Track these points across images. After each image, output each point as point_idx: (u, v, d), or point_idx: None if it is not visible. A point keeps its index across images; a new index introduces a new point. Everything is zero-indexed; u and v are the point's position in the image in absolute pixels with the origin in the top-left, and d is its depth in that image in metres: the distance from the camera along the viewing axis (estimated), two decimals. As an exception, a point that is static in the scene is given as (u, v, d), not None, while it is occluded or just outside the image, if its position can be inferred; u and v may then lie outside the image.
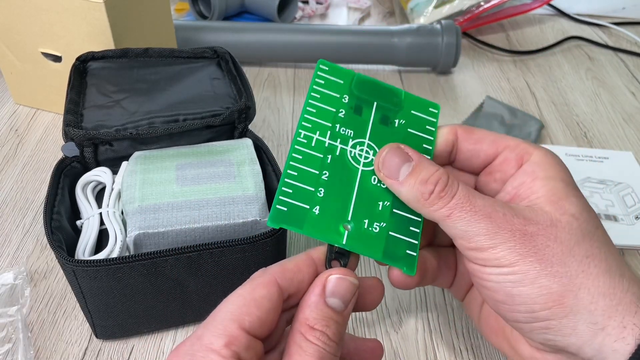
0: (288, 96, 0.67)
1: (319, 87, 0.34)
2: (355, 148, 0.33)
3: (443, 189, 0.28)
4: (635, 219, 0.51)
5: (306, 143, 0.32)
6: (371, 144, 0.33)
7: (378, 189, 0.32)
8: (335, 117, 0.33)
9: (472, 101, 0.67)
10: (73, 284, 0.35)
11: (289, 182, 0.31)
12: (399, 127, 0.34)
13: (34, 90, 0.60)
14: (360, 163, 0.32)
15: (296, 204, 0.30)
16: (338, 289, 0.26)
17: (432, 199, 0.28)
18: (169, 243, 0.36)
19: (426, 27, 0.70)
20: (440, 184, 0.28)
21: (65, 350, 0.38)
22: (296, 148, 0.32)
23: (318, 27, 0.70)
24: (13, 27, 0.55)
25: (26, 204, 0.50)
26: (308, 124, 0.32)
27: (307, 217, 0.30)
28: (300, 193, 0.31)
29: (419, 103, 0.35)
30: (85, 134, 0.40)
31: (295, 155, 0.32)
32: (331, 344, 0.25)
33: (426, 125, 0.34)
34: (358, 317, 0.41)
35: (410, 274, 0.30)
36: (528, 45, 0.81)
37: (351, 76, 0.34)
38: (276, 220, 0.30)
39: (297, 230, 0.30)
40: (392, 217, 0.32)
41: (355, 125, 0.33)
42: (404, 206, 0.32)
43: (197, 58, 0.51)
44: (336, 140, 0.33)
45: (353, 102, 0.34)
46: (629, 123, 0.65)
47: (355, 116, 0.33)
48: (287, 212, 0.30)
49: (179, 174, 0.39)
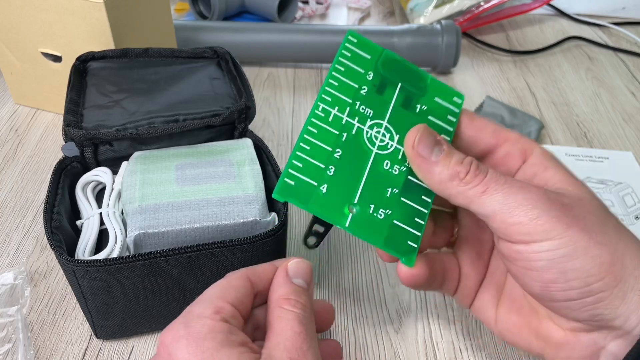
0: (288, 96, 0.67)
1: (345, 60, 0.32)
2: (372, 129, 0.32)
3: (477, 168, 0.28)
4: (635, 219, 0.51)
5: (323, 117, 0.31)
6: (389, 127, 0.32)
7: (389, 174, 0.31)
8: (357, 94, 0.32)
9: (472, 101, 0.67)
10: (73, 284, 0.35)
11: (300, 156, 0.30)
12: (420, 113, 0.33)
13: (34, 90, 0.60)
14: (375, 145, 0.32)
15: (304, 179, 0.30)
16: (299, 270, 0.30)
17: (469, 177, 0.28)
18: (169, 243, 0.36)
19: (426, 27, 0.70)
20: (475, 164, 0.29)
21: (65, 350, 0.38)
22: (312, 121, 0.31)
23: (318, 27, 0.70)
24: (13, 27, 0.55)
25: (26, 204, 0.50)
26: (328, 97, 0.31)
27: (313, 194, 0.30)
28: (310, 168, 0.30)
29: (444, 90, 0.34)
30: (85, 134, 0.40)
31: (310, 129, 0.31)
32: (306, 309, 0.28)
33: (448, 115, 0.33)
34: (358, 316, 0.41)
35: (409, 265, 0.30)
36: (528, 45, 0.81)
37: (379, 52, 0.33)
38: (282, 194, 0.29)
39: (301, 206, 0.30)
40: (399, 206, 0.31)
41: (376, 105, 0.32)
42: (412, 195, 0.31)
43: (197, 58, 0.51)
44: (354, 119, 0.32)
45: (377, 80, 0.33)
46: (629, 123, 0.65)
47: (377, 95, 0.32)
48: (294, 186, 0.30)
49: (179, 174, 0.39)
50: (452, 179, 0.29)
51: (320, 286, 0.43)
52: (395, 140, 0.32)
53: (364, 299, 0.43)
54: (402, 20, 0.85)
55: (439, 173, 0.29)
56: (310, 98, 0.66)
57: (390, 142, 0.32)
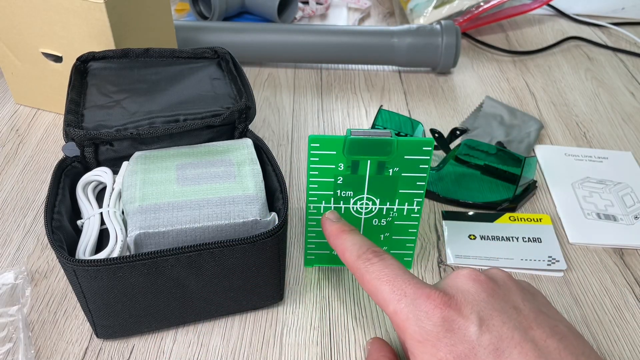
0: (288, 96, 0.67)
1: (315, 164, 0.38)
2: (357, 204, 0.40)
3: None
4: (635, 218, 0.51)
5: (316, 212, 0.40)
6: (370, 197, 0.40)
7: (379, 226, 0.41)
8: (335, 185, 0.39)
9: (472, 101, 0.67)
10: (74, 284, 0.35)
11: (310, 241, 0.43)
12: (394, 174, 0.38)
13: (35, 90, 0.60)
14: (362, 213, 0.41)
15: (319, 252, 0.43)
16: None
17: None
18: (169, 243, 0.36)
19: (426, 27, 0.70)
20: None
21: (65, 350, 0.38)
22: (309, 218, 0.41)
23: (318, 27, 0.70)
24: (14, 27, 0.55)
25: (27, 203, 0.50)
26: (314, 197, 0.40)
27: (329, 257, 0.44)
28: (320, 245, 0.43)
29: (412, 145, 0.37)
30: (86, 134, 0.40)
31: (310, 223, 0.41)
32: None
33: (419, 164, 0.38)
34: (358, 316, 0.41)
35: (408, 269, 0.38)
36: (527, 46, 0.81)
37: (342, 143, 0.37)
38: (309, 264, 0.44)
39: (324, 265, 0.45)
40: (391, 242, 0.43)
41: (354, 185, 0.39)
42: (401, 231, 0.42)
43: (197, 58, 0.51)
44: (339, 203, 0.40)
45: (349, 163, 0.38)
46: (629, 123, 0.65)
47: (352, 176, 0.38)
48: (315, 258, 0.44)
49: (180, 173, 0.39)
50: None
51: (321, 286, 0.43)
52: (377, 203, 0.40)
53: (364, 299, 0.43)
54: (401, 21, 0.85)
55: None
56: (310, 98, 0.66)
57: (373, 207, 0.40)
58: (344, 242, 0.36)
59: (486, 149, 0.49)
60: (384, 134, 0.37)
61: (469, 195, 0.51)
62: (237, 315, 0.41)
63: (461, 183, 0.52)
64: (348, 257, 0.35)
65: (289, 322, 0.41)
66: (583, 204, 0.52)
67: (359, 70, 0.73)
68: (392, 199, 0.40)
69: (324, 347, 0.39)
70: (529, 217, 0.50)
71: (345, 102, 0.66)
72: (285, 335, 0.40)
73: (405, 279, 0.32)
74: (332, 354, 0.39)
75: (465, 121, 0.63)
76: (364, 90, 0.69)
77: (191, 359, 0.38)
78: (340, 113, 0.64)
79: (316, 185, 0.39)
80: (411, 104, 0.67)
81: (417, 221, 0.41)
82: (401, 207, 0.40)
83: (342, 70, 0.73)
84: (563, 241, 0.49)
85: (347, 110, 0.65)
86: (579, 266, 0.46)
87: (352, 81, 0.71)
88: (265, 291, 0.39)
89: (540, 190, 0.54)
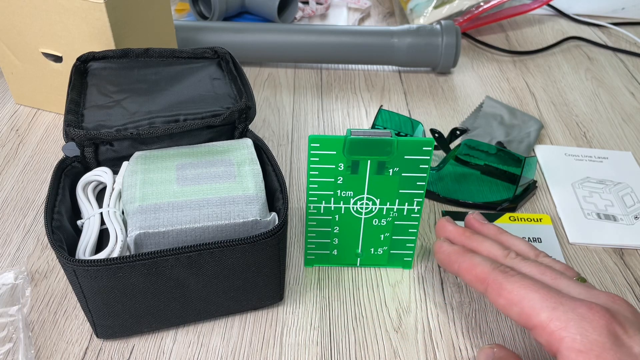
0: (288, 96, 0.67)
1: (316, 164, 0.38)
2: (357, 204, 0.40)
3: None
4: (635, 218, 0.51)
5: (316, 212, 0.40)
6: (370, 197, 0.40)
7: (379, 226, 0.41)
8: (335, 185, 0.39)
9: (472, 101, 0.67)
10: (74, 284, 0.35)
11: (310, 241, 0.42)
12: (394, 175, 0.38)
13: (35, 90, 0.60)
14: (362, 213, 0.40)
15: (319, 252, 0.43)
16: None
17: None
18: (169, 243, 0.36)
19: (426, 27, 0.70)
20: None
21: (65, 350, 0.38)
22: (309, 218, 0.41)
23: (318, 27, 0.70)
24: (14, 27, 0.55)
25: (27, 203, 0.50)
26: (314, 197, 0.40)
27: (329, 257, 0.44)
28: (320, 245, 0.43)
29: (412, 145, 0.37)
30: (86, 134, 0.40)
31: (310, 223, 0.41)
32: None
33: (419, 164, 0.38)
34: (357, 316, 0.41)
35: (408, 268, 0.44)
36: (527, 46, 0.81)
37: (342, 143, 0.37)
38: (309, 264, 0.44)
39: (325, 265, 0.44)
40: (392, 242, 0.43)
41: (354, 185, 0.39)
42: (401, 231, 0.42)
43: (197, 58, 0.51)
44: (339, 203, 0.40)
45: (349, 163, 0.38)
46: (628, 123, 0.65)
47: (352, 176, 0.38)
48: (315, 258, 0.44)
49: (180, 173, 0.39)
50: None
51: (321, 286, 0.43)
52: (377, 203, 0.40)
53: (364, 299, 0.43)
54: (402, 21, 0.85)
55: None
56: (310, 98, 0.66)
57: (373, 207, 0.40)
58: (472, 258, 0.36)
59: (486, 149, 0.50)
60: (384, 134, 0.37)
61: (469, 195, 0.51)
62: (237, 315, 0.41)
63: (461, 183, 0.52)
64: (481, 270, 0.35)
65: (289, 322, 0.41)
66: (583, 204, 0.52)
67: (359, 70, 0.73)
68: (392, 199, 0.40)
69: (324, 347, 0.39)
70: (529, 217, 0.50)
71: (345, 102, 0.66)
72: (285, 335, 0.40)
73: (552, 289, 0.32)
74: (332, 354, 0.39)
75: (465, 121, 0.63)
76: (364, 90, 0.69)
77: (191, 359, 0.38)
78: (340, 113, 0.64)
79: (316, 185, 0.39)
80: (411, 104, 0.67)
81: (417, 221, 0.41)
82: (401, 207, 0.40)
83: (342, 70, 0.73)
84: (563, 241, 0.49)
85: (347, 110, 0.65)
86: (579, 266, 0.46)
87: (352, 81, 0.71)
88: (265, 291, 0.39)
89: (540, 190, 0.54)
